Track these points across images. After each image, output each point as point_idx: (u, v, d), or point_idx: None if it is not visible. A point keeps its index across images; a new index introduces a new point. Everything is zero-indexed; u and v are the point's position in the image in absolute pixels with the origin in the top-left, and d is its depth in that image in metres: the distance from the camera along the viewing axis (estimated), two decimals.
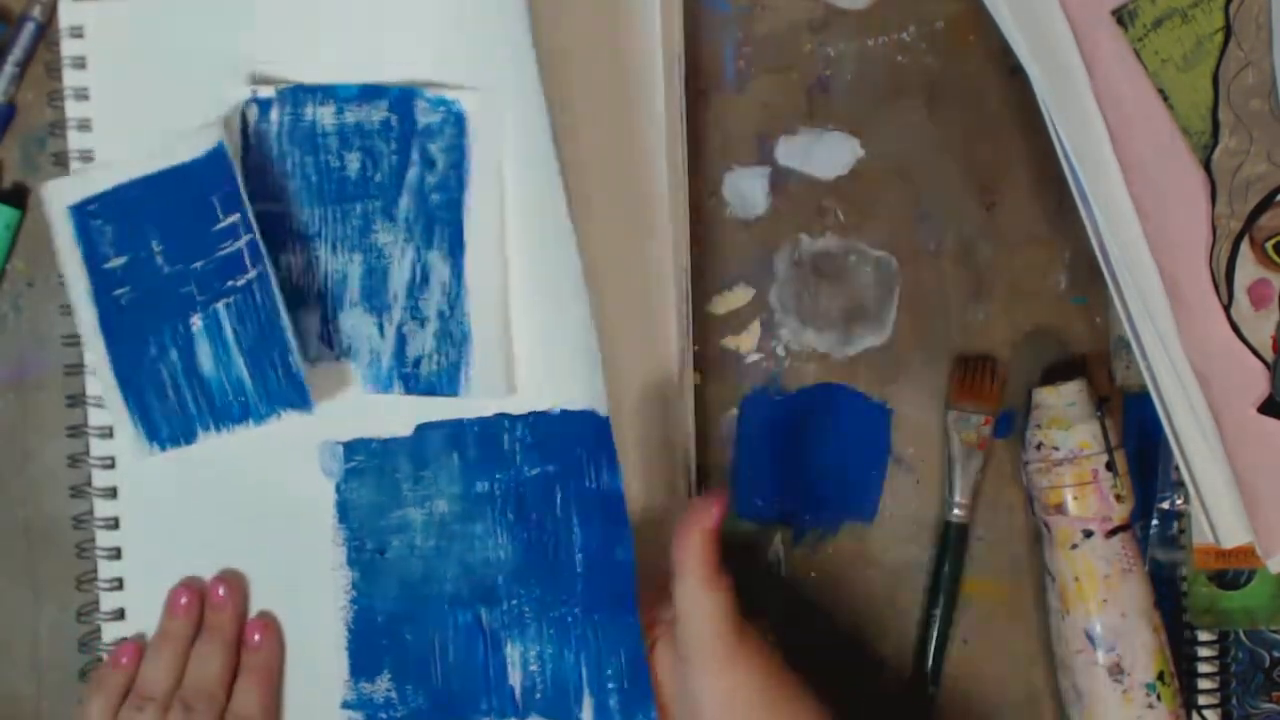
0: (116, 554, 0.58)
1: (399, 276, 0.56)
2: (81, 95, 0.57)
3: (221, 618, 0.57)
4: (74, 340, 0.58)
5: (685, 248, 0.58)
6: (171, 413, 0.56)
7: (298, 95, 0.56)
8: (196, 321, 0.56)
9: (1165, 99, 0.54)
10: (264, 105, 0.56)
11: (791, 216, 0.60)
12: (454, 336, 0.56)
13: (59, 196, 0.56)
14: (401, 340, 0.56)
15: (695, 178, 0.59)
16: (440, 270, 0.56)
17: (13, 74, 0.58)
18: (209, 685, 0.56)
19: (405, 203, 0.55)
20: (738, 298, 0.60)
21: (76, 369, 0.58)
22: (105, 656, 0.58)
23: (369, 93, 0.55)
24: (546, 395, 0.56)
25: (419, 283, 0.56)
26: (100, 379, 0.56)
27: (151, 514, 0.58)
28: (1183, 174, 0.54)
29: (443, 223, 0.56)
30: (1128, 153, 0.54)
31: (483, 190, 0.55)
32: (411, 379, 0.56)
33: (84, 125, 0.57)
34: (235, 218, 0.55)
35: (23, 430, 0.59)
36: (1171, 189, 0.54)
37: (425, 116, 0.55)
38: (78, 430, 0.58)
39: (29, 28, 0.58)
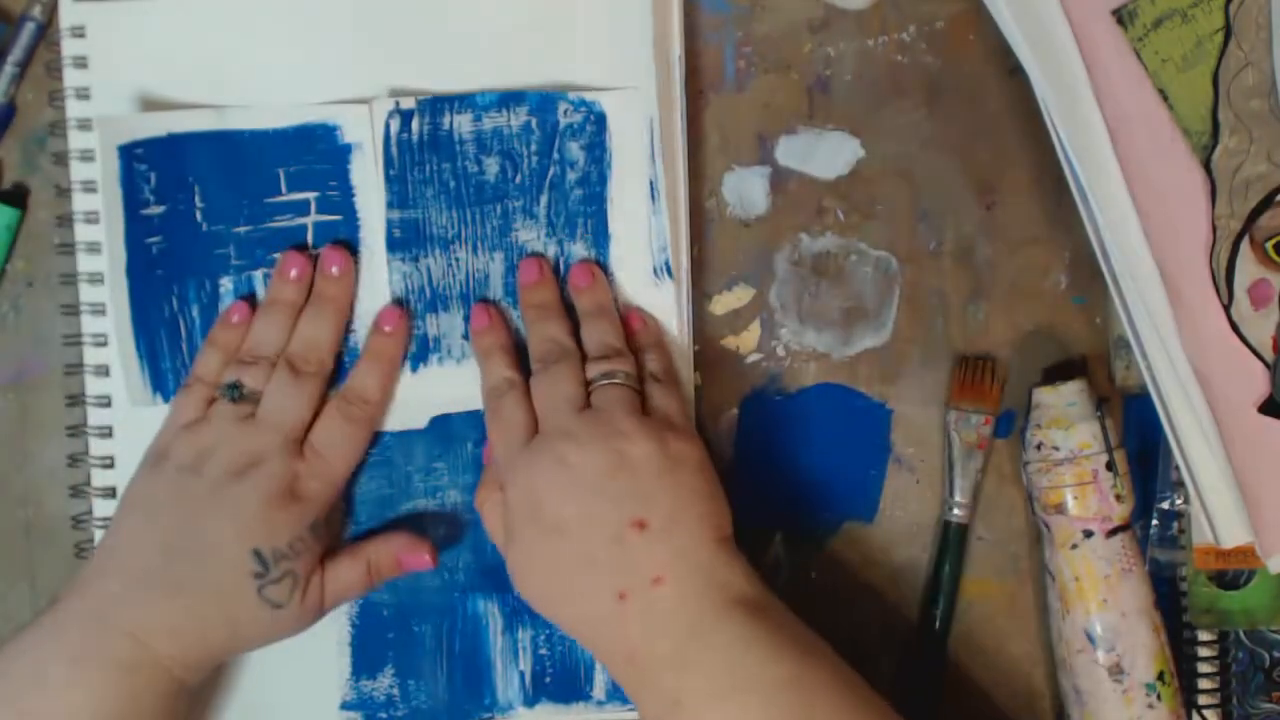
0: None
1: None
2: (82, 95, 0.57)
3: (334, 289, 0.56)
4: (74, 340, 0.58)
5: (685, 247, 0.58)
6: (181, 367, 0.57)
7: (437, 105, 0.57)
8: (226, 284, 0.57)
9: (1165, 99, 0.54)
10: (405, 116, 0.56)
11: (791, 216, 0.60)
12: None
13: (112, 134, 0.56)
14: None
15: (695, 178, 0.59)
16: (585, 259, 0.57)
17: (13, 74, 0.58)
18: (318, 350, 0.55)
19: (546, 200, 0.57)
20: (738, 298, 0.60)
21: (76, 369, 0.58)
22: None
23: (509, 99, 0.57)
24: None
25: (563, 275, 0.57)
26: (114, 321, 0.57)
27: None
28: (1183, 174, 0.54)
29: (586, 216, 0.57)
30: (1128, 153, 0.54)
31: (624, 182, 0.57)
32: None
33: (84, 125, 0.57)
34: (309, 195, 0.56)
35: (23, 430, 0.59)
36: (1171, 189, 0.54)
37: (566, 117, 0.57)
38: (78, 430, 0.58)
39: (29, 28, 0.58)
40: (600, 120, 0.57)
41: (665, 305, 0.57)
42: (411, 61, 0.57)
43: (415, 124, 0.57)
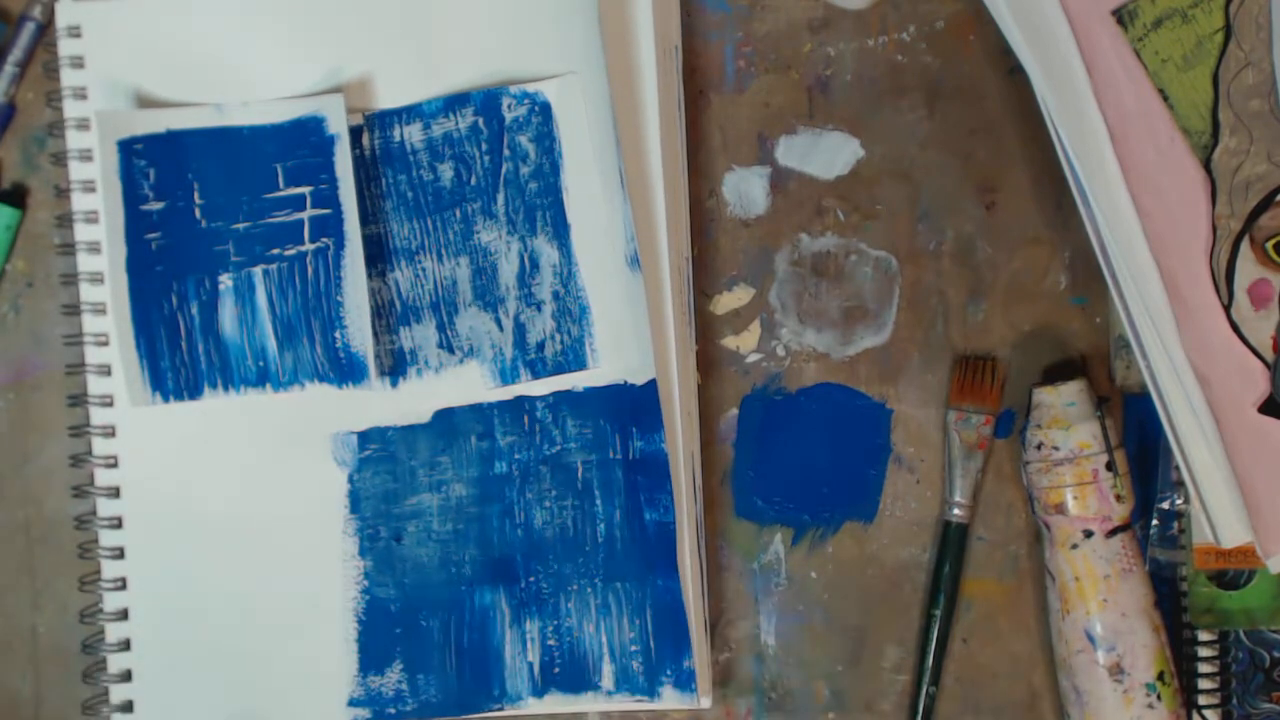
0: (120, 554, 0.58)
1: (508, 269, 0.57)
2: (80, 95, 0.57)
3: None
4: (74, 340, 0.58)
5: (685, 247, 0.58)
6: (180, 365, 0.57)
7: (385, 119, 0.57)
8: (225, 280, 0.57)
9: (1165, 99, 0.54)
10: (354, 132, 0.57)
11: (791, 216, 0.60)
12: (573, 313, 0.57)
13: (111, 129, 0.56)
14: (521, 329, 0.57)
15: (695, 178, 0.59)
16: (549, 254, 0.57)
17: (13, 74, 0.59)
18: None
19: (503, 198, 0.57)
20: (738, 298, 0.60)
21: (77, 369, 0.58)
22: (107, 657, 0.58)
23: (454, 102, 0.57)
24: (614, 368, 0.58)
25: (529, 270, 0.57)
26: (115, 320, 0.57)
27: (155, 513, 0.58)
28: (1183, 174, 0.54)
29: (544, 208, 0.57)
30: (1128, 153, 0.54)
31: (577, 169, 0.57)
32: (538, 364, 0.58)
33: (82, 125, 0.57)
34: (304, 189, 0.56)
35: (23, 430, 0.59)
36: (1171, 189, 0.54)
37: (511, 112, 0.57)
38: (79, 430, 0.58)
39: (29, 28, 0.58)
40: (545, 110, 0.57)
41: (639, 298, 0.57)
42: (398, 53, 0.57)
43: (365, 139, 0.57)
